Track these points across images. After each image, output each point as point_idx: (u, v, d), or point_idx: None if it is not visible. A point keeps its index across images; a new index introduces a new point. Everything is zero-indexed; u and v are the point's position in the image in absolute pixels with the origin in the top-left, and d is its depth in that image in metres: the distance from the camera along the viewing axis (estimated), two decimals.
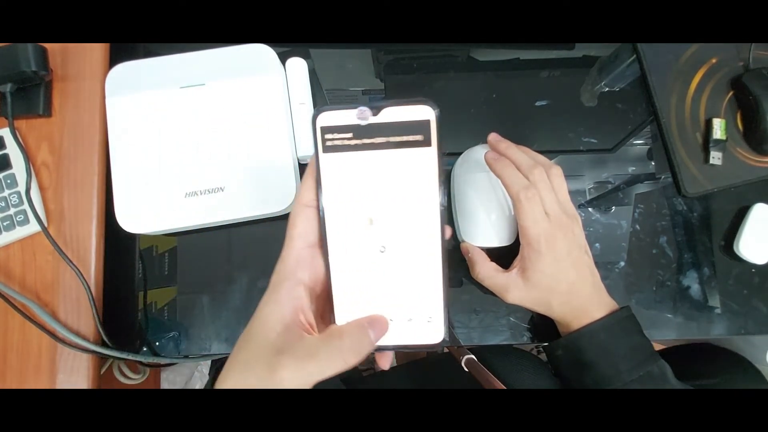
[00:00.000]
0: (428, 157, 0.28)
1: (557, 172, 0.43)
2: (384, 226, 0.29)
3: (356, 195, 0.29)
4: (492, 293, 0.44)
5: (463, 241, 0.48)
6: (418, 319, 0.30)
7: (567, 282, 0.41)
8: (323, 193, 0.29)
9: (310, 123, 0.29)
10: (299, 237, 0.30)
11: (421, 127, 0.28)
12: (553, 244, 0.41)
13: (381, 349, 0.31)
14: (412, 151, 0.28)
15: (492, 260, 0.45)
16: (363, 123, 0.28)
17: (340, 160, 0.29)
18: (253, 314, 0.29)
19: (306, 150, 0.48)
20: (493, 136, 0.45)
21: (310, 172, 0.30)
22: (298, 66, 0.50)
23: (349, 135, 0.28)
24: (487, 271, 0.45)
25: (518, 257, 0.43)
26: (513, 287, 0.43)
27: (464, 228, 0.48)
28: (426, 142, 0.28)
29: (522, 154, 0.43)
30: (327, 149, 0.29)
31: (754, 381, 0.61)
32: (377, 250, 0.30)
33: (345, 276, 0.30)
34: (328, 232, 0.30)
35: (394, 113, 0.28)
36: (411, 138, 0.28)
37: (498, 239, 0.46)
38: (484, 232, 0.47)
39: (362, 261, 0.30)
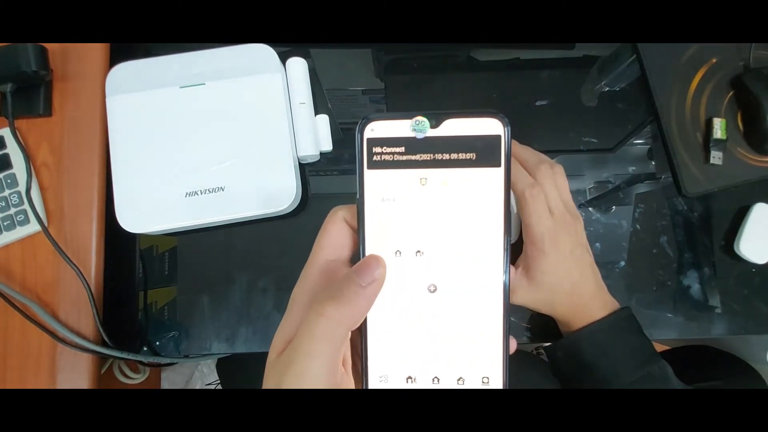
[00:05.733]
0: (495, 180, 0.24)
1: (560, 170, 0.43)
2: (436, 260, 0.25)
3: (404, 221, 0.25)
4: None
5: None
6: (471, 379, 0.25)
7: (570, 281, 0.41)
8: (366, 216, 0.25)
9: (356, 133, 0.24)
10: (328, 246, 0.26)
11: (489, 143, 0.24)
12: (557, 242, 0.41)
13: None
14: (475, 171, 0.24)
15: None
16: (419, 136, 0.24)
17: (387, 178, 0.25)
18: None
19: (306, 150, 0.48)
20: None
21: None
22: (298, 66, 0.49)
23: (401, 149, 0.24)
24: None
25: (521, 256, 0.43)
26: (518, 288, 0.43)
27: None
28: (493, 162, 0.24)
29: (526, 152, 0.43)
30: (373, 165, 0.25)
31: (754, 384, 0.62)
32: (425, 289, 0.25)
33: (383, 320, 0.25)
34: None
35: (456, 126, 0.24)
36: (475, 156, 0.24)
37: None
38: None
39: (406, 302, 0.25)
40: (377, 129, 0.24)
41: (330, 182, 0.52)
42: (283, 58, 0.49)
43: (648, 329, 0.43)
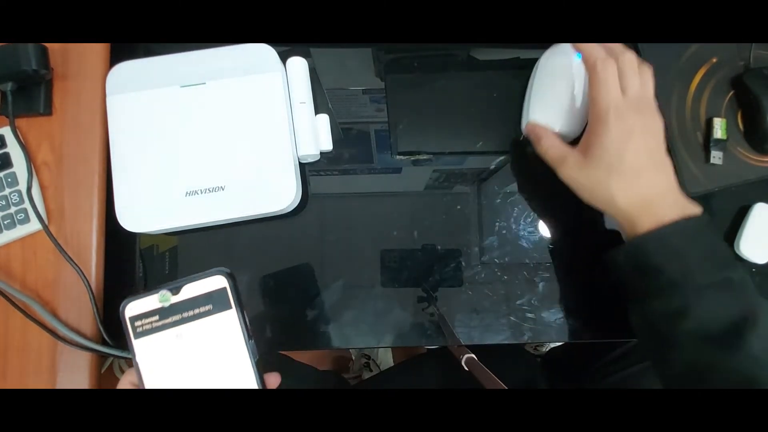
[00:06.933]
0: (231, 319, 0.32)
1: (649, 68, 0.40)
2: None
3: (173, 372, 0.32)
4: (495, 285, 0.44)
5: (529, 122, 0.47)
6: None
7: (633, 165, 0.37)
8: (143, 375, 0.32)
9: (119, 313, 0.31)
10: None
11: (219, 294, 0.32)
12: (623, 120, 0.37)
13: None
14: (215, 317, 0.32)
15: None
16: (166, 305, 0.31)
17: (154, 341, 0.31)
18: None
19: (306, 149, 0.48)
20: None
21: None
22: (298, 65, 0.50)
23: (156, 318, 0.31)
24: (551, 142, 0.42)
25: (583, 135, 0.41)
26: (570, 160, 0.40)
27: (534, 108, 0.47)
28: (226, 307, 0.32)
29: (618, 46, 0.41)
30: (138, 335, 0.31)
31: None
32: None
33: None
34: None
35: (192, 288, 0.32)
36: (211, 307, 0.32)
37: (564, 124, 0.46)
38: (552, 113, 0.46)
39: None
40: (134, 307, 0.31)
41: (330, 182, 0.52)
42: (283, 58, 0.49)
43: None
